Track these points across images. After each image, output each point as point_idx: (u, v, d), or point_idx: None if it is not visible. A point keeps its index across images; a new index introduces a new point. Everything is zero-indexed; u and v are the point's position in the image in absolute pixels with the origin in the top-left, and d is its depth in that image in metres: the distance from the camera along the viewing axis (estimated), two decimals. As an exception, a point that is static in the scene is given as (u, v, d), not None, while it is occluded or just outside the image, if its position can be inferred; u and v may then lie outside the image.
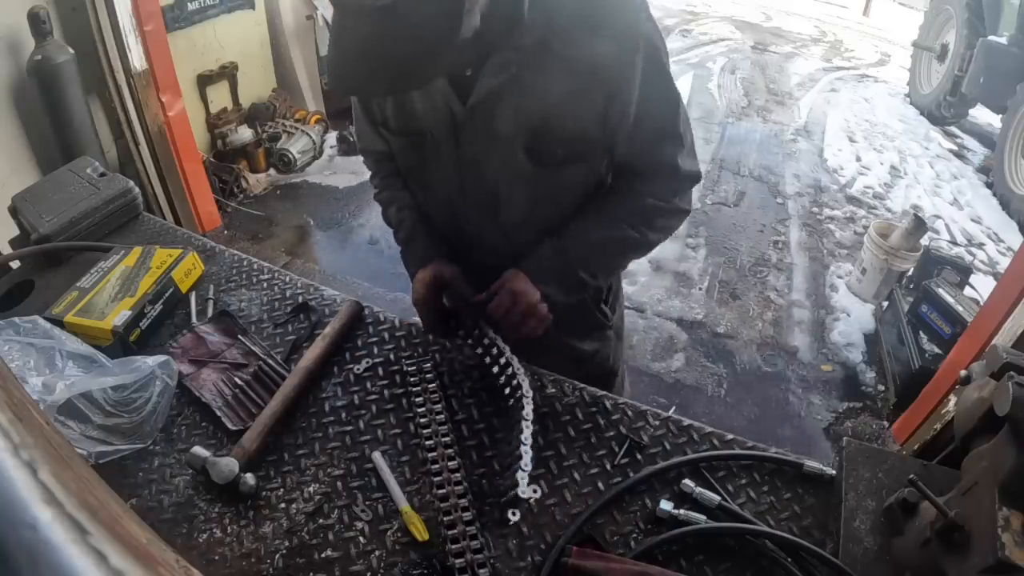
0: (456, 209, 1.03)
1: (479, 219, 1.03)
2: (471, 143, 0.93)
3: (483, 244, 1.06)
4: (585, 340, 1.20)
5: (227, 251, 1.32)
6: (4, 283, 1.22)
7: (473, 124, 0.91)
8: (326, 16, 3.86)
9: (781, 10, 8.26)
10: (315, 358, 1.03)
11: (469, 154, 0.94)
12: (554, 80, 0.85)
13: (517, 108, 0.88)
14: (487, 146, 0.92)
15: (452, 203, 1.03)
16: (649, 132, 0.93)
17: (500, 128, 0.90)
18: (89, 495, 0.29)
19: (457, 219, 1.05)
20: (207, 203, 3.16)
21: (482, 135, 0.91)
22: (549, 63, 0.84)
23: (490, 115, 0.89)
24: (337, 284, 2.90)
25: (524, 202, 0.99)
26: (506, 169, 0.94)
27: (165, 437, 0.94)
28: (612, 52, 0.85)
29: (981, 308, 2.11)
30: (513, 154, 0.92)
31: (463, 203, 1.01)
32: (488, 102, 0.88)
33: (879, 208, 3.96)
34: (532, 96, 0.87)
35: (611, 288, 1.21)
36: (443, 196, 1.03)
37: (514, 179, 0.96)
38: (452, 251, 1.08)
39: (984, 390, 0.81)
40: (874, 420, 2.45)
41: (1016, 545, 0.63)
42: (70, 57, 2.40)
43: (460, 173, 0.97)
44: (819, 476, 0.90)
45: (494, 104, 0.88)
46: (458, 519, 0.82)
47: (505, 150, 0.92)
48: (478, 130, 0.91)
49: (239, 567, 0.80)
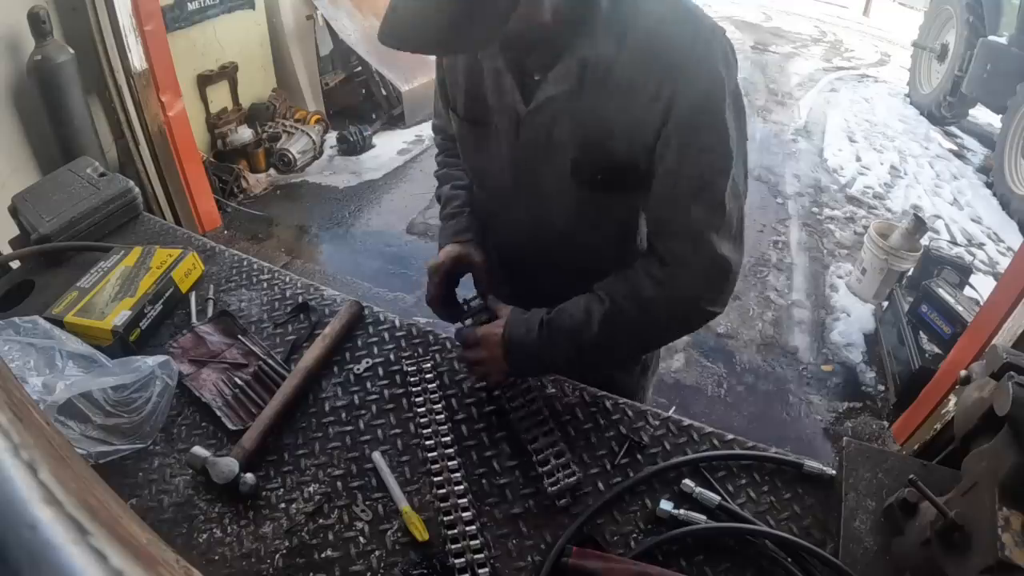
0: (506, 203, 1.03)
1: (526, 218, 1.02)
2: (529, 145, 0.92)
3: (523, 243, 1.06)
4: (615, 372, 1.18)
5: (227, 251, 1.32)
6: (4, 283, 1.22)
7: (533, 127, 0.90)
8: (326, 16, 3.86)
9: (781, 10, 8.26)
10: (315, 358, 1.03)
11: (526, 155, 0.94)
12: (610, 102, 0.83)
13: (576, 121, 0.87)
14: (542, 151, 0.92)
15: (504, 196, 1.02)
16: (689, 182, 0.83)
17: (557, 136, 0.89)
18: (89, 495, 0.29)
19: (506, 212, 1.05)
20: (207, 203, 3.16)
21: (540, 139, 0.91)
22: (610, 83, 0.82)
23: (550, 122, 0.88)
24: (337, 284, 2.91)
25: (567, 216, 0.97)
26: (556, 181, 0.93)
27: (165, 437, 0.94)
28: (668, 82, 0.80)
29: (981, 308, 2.11)
30: (563, 165, 0.91)
31: (514, 199, 1.01)
32: (547, 109, 0.87)
33: (879, 208, 3.96)
34: (586, 112, 0.85)
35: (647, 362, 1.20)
36: (496, 186, 1.03)
37: (562, 193, 0.94)
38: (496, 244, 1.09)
39: (984, 390, 0.81)
40: (874, 420, 2.45)
41: (1016, 545, 0.63)
42: (70, 57, 2.40)
43: (514, 171, 0.97)
44: (819, 476, 0.90)
45: (553, 112, 0.87)
46: (458, 519, 0.82)
47: (557, 162, 0.91)
48: (537, 134, 0.90)
49: (239, 567, 0.80)
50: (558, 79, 0.84)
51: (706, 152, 0.82)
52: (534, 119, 0.89)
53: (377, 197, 3.69)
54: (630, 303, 0.88)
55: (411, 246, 3.29)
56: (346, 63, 4.30)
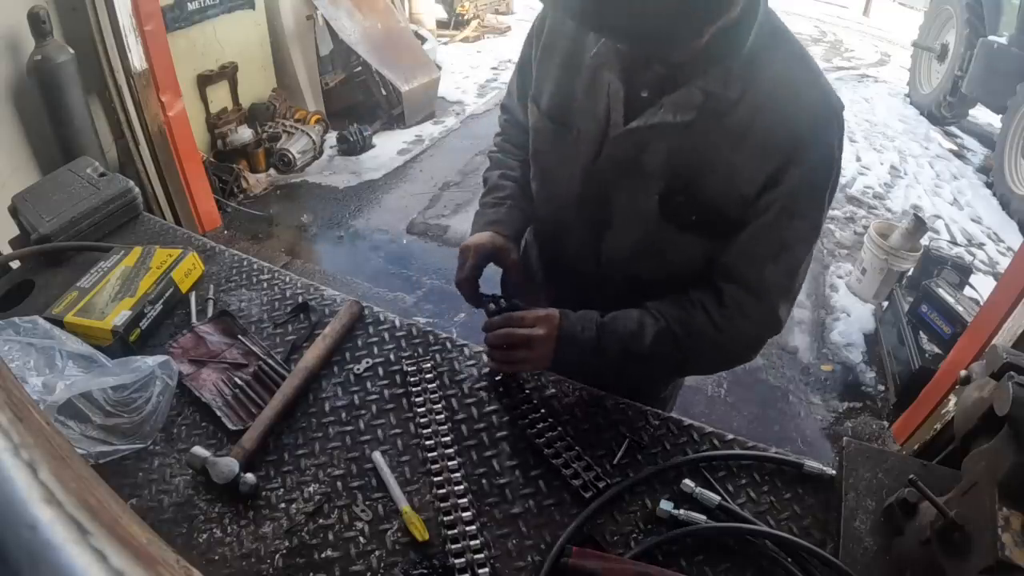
0: (565, 211, 0.99)
1: (580, 230, 0.98)
2: (612, 161, 0.89)
3: (571, 252, 1.02)
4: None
5: (227, 251, 1.32)
6: (4, 283, 1.22)
7: (623, 145, 0.86)
8: (326, 16, 3.87)
9: (781, 10, 8.18)
10: (315, 358, 1.03)
11: (603, 168, 0.90)
12: (725, 142, 0.81)
13: (673, 152, 0.84)
14: (624, 173, 0.88)
15: (563, 202, 0.98)
16: (772, 242, 0.85)
17: (647, 162, 0.85)
18: (89, 495, 0.29)
19: (560, 218, 1.01)
20: (207, 203, 3.16)
21: (626, 160, 0.87)
22: (729, 123, 0.80)
23: (643, 146, 0.85)
24: (337, 284, 2.91)
25: (631, 243, 0.94)
26: (631, 205, 0.90)
27: (165, 437, 0.94)
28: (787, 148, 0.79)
29: (981, 308, 2.11)
30: (645, 195, 0.88)
31: (576, 210, 0.97)
32: (649, 133, 0.83)
33: (879, 208, 3.96)
34: (694, 148, 0.82)
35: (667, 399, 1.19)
36: (557, 192, 0.99)
37: (633, 218, 0.91)
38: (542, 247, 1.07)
39: (984, 390, 0.81)
40: (874, 420, 2.45)
41: (1016, 545, 0.63)
42: (70, 57, 2.40)
43: (585, 183, 0.93)
44: (819, 476, 0.90)
45: (653, 137, 0.84)
46: (458, 519, 0.82)
47: (639, 187, 0.88)
48: (625, 153, 0.87)
49: (239, 567, 0.80)
50: (677, 106, 0.80)
51: (800, 220, 0.84)
52: (627, 138, 0.85)
53: (377, 197, 3.69)
54: (681, 329, 0.90)
55: (411, 246, 3.30)
56: (346, 63, 4.30)
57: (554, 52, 0.93)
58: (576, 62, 0.89)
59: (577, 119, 0.91)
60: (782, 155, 0.80)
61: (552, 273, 1.11)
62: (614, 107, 0.85)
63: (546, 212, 1.05)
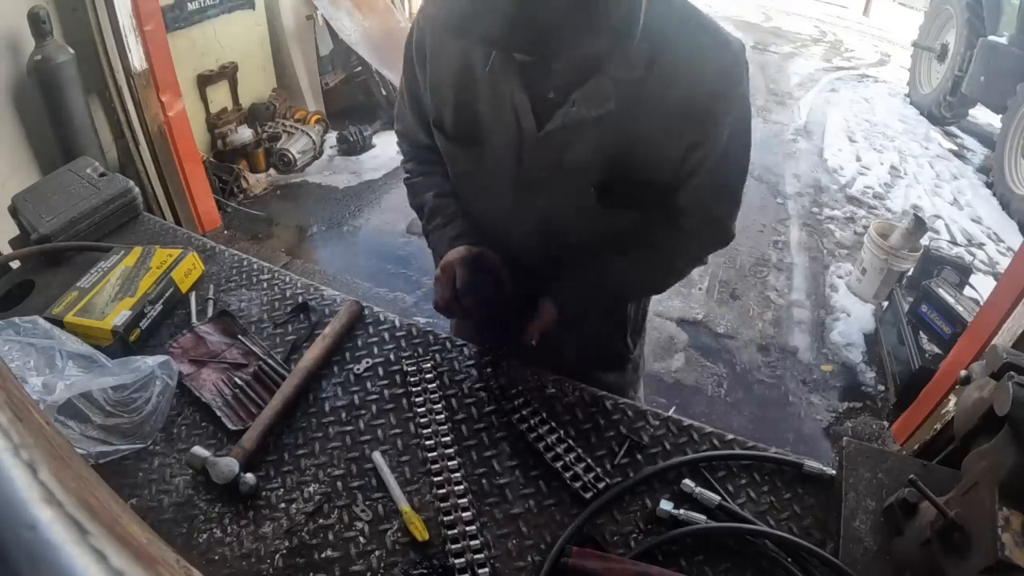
0: (502, 222, 1.00)
1: (525, 236, 0.99)
2: (536, 167, 0.89)
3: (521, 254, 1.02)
4: (608, 373, 1.19)
5: (227, 251, 1.32)
6: (4, 283, 1.22)
7: (543, 149, 0.86)
8: (326, 16, 3.86)
9: (781, 10, 8.26)
10: (315, 358, 1.03)
11: (529, 176, 0.90)
12: (644, 120, 0.82)
13: (599, 143, 0.84)
14: (552, 174, 0.88)
15: (499, 217, 0.99)
16: (715, 187, 0.92)
17: (572, 160, 0.86)
18: (89, 495, 0.29)
19: (500, 231, 1.01)
20: (207, 203, 3.16)
21: (550, 162, 0.87)
22: (643, 101, 0.80)
23: (565, 144, 0.85)
24: (337, 284, 2.91)
25: (576, 232, 0.96)
26: (567, 200, 0.91)
27: (165, 437, 0.94)
28: (707, 103, 0.82)
29: (981, 308, 2.11)
30: (580, 189, 0.88)
31: (511, 219, 0.98)
32: (568, 132, 0.83)
33: (879, 208, 3.96)
34: (618, 134, 0.83)
35: (635, 322, 1.20)
36: (491, 208, 1.00)
37: (574, 212, 0.92)
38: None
39: (984, 390, 0.81)
40: (874, 420, 2.45)
41: (1016, 545, 0.63)
42: (70, 57, 2.40)
43: (514, 192, 0.93)
44: (819, 476, 0.90)
45: (574, 134, 0.83)
46: (458, 519, 0.82)
47: (572, 183, 0.88)
48: (547, 156, 0.87)
49: (239, 567, 0.80)
50: (591, 100, 0.80)
51: (734, 165, 0.92)
52: (546, 142, 0.85)
53: (377, 197, 3.69)
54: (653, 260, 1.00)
55: (411, 246, 3.29)
56: (346, 63, 4.29)
57: (444, 75, 0.91)
58: (470, 80, 0.88)
59: (488, 136, 0.90)
60: (703, 116, 0.83)
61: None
62: (523, 116, 0.85)
63: (485, 225, 1.04)
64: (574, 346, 1.08)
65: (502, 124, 0.87)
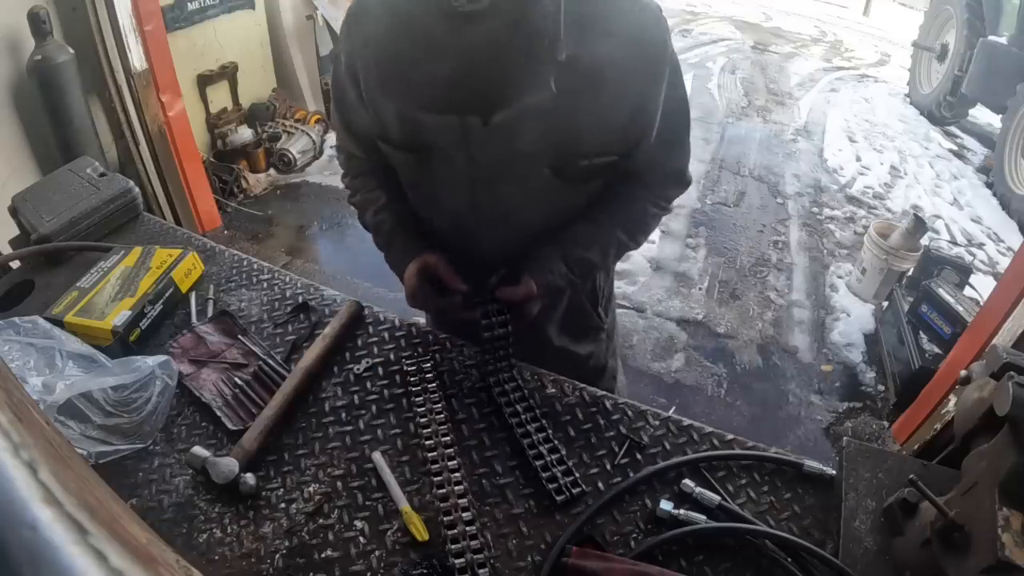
0: (464, 220, 1.00)
1: (489, 229, 1.01)
2: (487, 160, 0.89)
3: (488, 249, 1.04)
4: (581, 344, 1.22)
5: (227, 251, 1.32)
6: (4, 283, 1.22)
7: (492, 141, 0.86)
8: (326, 16, 3.86)
9: (781, 10, 8.27)
10: (315, 358, 1.03)
11: (483, 170, 0.91)
12: (584, 96, 0.83)
13: (545, 126, 0.85)
14: (505, 163, 0.89)
15: (460, 215, 1.00)
16: (665, 143, 0.95)
17: (523, 146, 0.86)
18: (89, 495, 0.29)
19: (464, 228, 1.02)
20: (207, 203, 3.16)
21: (501, 152, 0.88)
22: (580, 78, 0.81)
23: (514, 134, 0.85)
24: (337, 284, 2.90)
25: (540, 215, 0.98)
26: (525, 186, 0.92)
27: (165, 437, 0.94)
28: (641, 66, 0.84)
29: (981, 308, 2.11)
30: (536, 172, 0.90)
31: (472, 215, 0.99)
32: (515, 120, 0.82)
33: (879, 208, 3.96)
34: (562, 114, 0.83)
35: (605, 292, 1.22)
36: (451, 209, 1.00)
37: (533, 195, 0.94)
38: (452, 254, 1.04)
39: (984, 390, 0.81)
40: (874, 420, 2.45)
41: (1016, 545, 0.63)
42: (70, 57, 2.40)
43: (471, 188, 0.94)
44: (819, 476, 0.90)
45: (519, 122, 0.83)
46: (458, 519, 0.82)
47: (526, 168, 0.90)
48: (497, 147, 0.87)
49: (239, 567, 0.80)
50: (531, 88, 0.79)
51: (678, 116, 0.95)
52: (494, 134, 0.83)
53: (377, 197, 3.69)
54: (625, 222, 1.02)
55: (411, 246, 3.29)
56: (346, 63, 4.29)
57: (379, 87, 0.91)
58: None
59: (434, 138, 0.90)
60: (640, 80, 0.86)
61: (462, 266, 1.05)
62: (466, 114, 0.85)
63: (444, 227, 1.04)
64: (555, 322, 1.13)
65: (445, 123, 0.87)
